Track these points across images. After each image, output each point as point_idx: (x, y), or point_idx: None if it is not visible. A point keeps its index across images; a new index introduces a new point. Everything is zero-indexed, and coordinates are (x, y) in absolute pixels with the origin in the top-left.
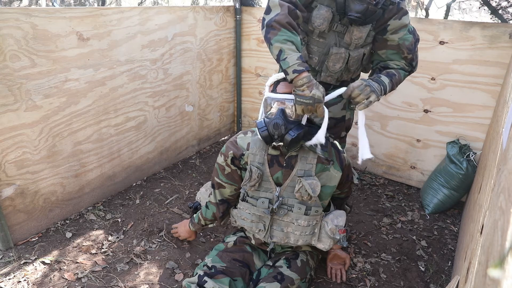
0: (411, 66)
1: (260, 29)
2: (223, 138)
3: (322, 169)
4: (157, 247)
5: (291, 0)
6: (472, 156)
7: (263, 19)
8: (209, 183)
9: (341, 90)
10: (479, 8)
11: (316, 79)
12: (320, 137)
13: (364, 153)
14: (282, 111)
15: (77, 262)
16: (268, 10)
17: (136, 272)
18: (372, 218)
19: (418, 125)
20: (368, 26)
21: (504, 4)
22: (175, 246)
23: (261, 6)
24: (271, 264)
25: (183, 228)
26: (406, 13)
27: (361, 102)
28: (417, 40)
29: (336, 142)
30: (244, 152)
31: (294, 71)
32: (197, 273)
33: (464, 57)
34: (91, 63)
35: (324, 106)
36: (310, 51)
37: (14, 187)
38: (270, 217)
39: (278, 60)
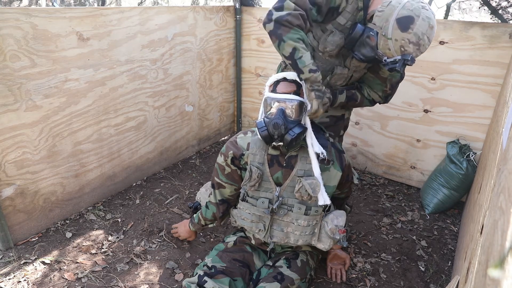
0: (384, 100)
1: (263, 25)
2: (223, 138)
3: (322, 169)
4: (157, 247)
5: (304, 13)
6: (472, 156)
7: (271, 13)
8: (209, 183)
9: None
10: (479, 8)
11: None
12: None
13: (325, 197)
14: (282, 111)
15: (77, 262)
16: (279, 8)
17: (136, 272)
18: (372, 218)
19: (418, 125)
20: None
21: (504, 4)
22: (175, 246)
23: (261, 6)
24: (271, 264)
25: (183, 228)
26: None
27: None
28: (402, 78)
29: (337, 142)
30: (244, 152)
31: (310, 71)
32: (197, 273)
33: (464, 57)
34: (91, 63)
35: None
36: None
37: (14, 187)
38: (270, 217)
39: (291, 57)
